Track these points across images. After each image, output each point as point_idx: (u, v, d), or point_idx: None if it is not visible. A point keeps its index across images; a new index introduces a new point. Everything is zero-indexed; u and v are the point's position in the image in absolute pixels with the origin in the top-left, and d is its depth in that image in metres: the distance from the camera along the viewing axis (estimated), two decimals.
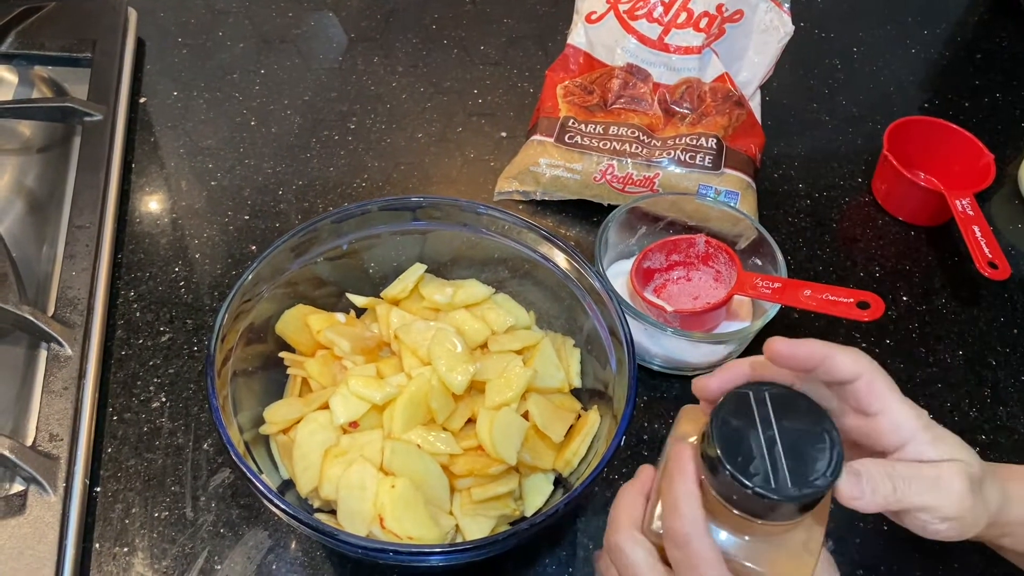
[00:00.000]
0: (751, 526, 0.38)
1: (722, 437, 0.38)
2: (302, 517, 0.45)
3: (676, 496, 0.39)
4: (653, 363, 0.68)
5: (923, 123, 0.83)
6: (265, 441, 0.56)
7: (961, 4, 1.10)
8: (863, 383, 0.41)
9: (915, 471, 0.40)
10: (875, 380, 0.41)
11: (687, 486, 0.39)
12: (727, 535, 0.39)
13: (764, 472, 0.37)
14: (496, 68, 0.93)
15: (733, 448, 0.37)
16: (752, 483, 0.36)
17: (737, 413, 0.39)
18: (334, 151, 0.83)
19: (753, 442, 0.38)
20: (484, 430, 0.54)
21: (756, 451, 0.37)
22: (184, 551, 0.56)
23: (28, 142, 0.79)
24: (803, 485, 0.36)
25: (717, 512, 0.39)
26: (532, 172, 0.78)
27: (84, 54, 0.83)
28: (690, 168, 0.76)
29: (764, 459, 0.37)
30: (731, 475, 0.37)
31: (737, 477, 0.36)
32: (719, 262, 0.69)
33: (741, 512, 0.38)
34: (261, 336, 0.57)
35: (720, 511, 0.39)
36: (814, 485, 0.36)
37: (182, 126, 0.83)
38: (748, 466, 0.37)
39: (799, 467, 0.37)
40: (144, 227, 0.74)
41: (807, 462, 0.37)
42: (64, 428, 0.57)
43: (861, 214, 0.83)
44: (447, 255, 0.64)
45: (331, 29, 0.96)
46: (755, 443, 0.38)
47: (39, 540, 0.53)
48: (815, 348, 0.40)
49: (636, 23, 0.81)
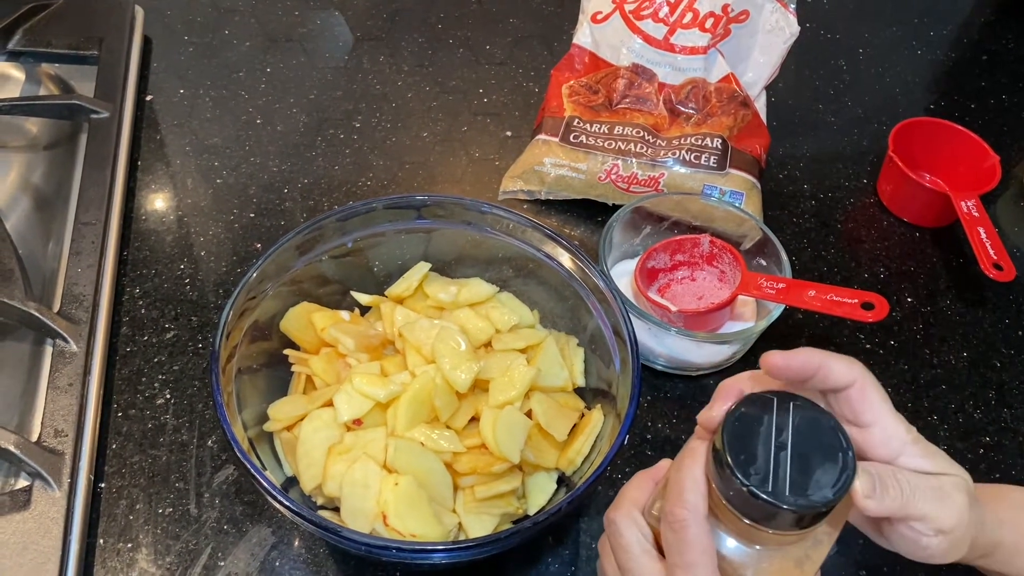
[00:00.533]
0: (748, 531, 0.38)
1: (731, 433, 0.38)
2: (306, 514, 0.46)
3: (682, 481, 0.39)
4: (657, 363, 0.68)
5: (928, 124, 0.83)
6: (269, 438, 0.56)
7: (967, 5, 1.10)
8: (856, 390, 0.41)
9: (920, 479, 0.40)
10: (868, 388, 0.41)
11: (694, 474, 0.39)
12: (725, 536, 0.39)
13: (764, 474, 0.36)
14: (501, 68, 0.93)
15: (740, 446, 0.37)
16: (748, 481, 0.36)
17: (753, 415, 0.38)
18: (339, 150, 0.83)
19: (762, 445, 0.37)
20: (487, 428, 0.54)
21: (762, 454, 0.37)
22: (188, 547, 0.56)
23: (35, 139, 0.79)
24: (800, 496, 0.36)
25: (719, 512, 0.39)
26: (537, 171, 0.78)
27: (91, 52, 0.83)
28: (695, 168, 0.76)
29: (768, 463, 0.37)
30: (731, 470, 0.37)
31: (736, 473, 0.36)
32: (723, 262, 0.69)
33: (738, 512, 0.38)
34: (266, 333, 0.57)
35: (722, 510, 0.39)
36: (811, 499, 0.36)
37: (188, 124, 0.83)
38: (750, 465, 0.37)
39: (802, 479, 0.36)
40: (150, 224, 0.75)
41: (812, 475, 0.37)
42: (69, 424, 0.58)
43: (866, 215, 0.83)
44: (451, 254, 0.64)
45: (337, 28, 0.96)
46: (764, 446, 0.37)
47: (44, 535, 0.53)
48: (810, 356, 0.40)
49: (642, 23, 0.81)
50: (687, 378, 0.68)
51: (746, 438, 0.38)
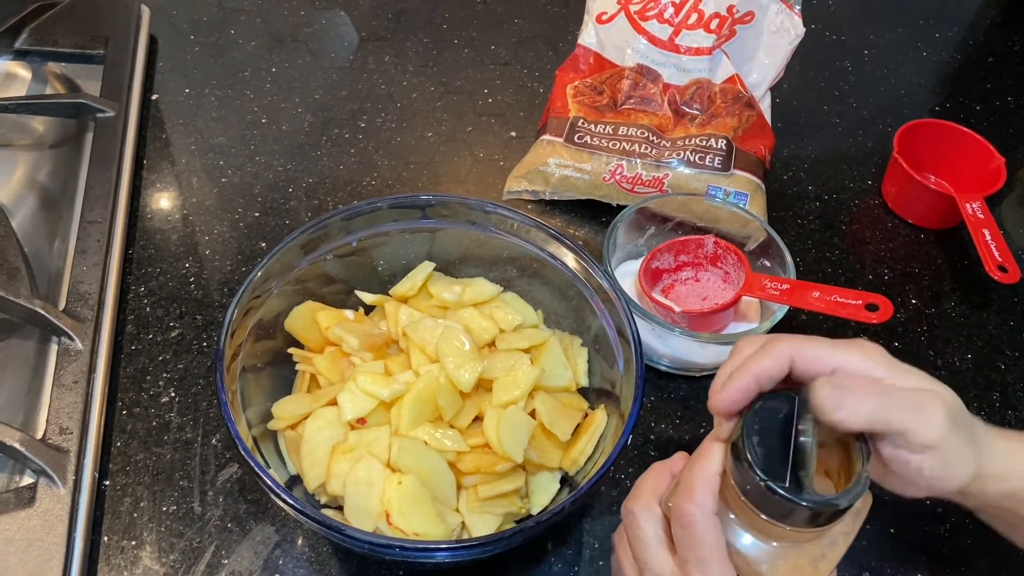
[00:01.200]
0: (765, 527, 0.38)
1: (751, 428, 0.38)
2: (309, 512, 0.46)
3: (693, 477, 0.39)
4: (660, 363, 0.68)
5: (933, 126, 0.83)
6: (273, 437, 0.56)
7: (973, 7, 1.10)
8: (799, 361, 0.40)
9: (897, 393, 0.39)
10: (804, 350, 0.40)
11: (706, 471, 0.39)
12: (742, 532, 0.39)
13: (783, 471, 0.37)
14: (506, 68, 0.93)
15: (758, 438, 0.37)
16: (767, 477, 0.36)
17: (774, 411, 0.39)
18: (344, 149, 0.83)
19: (781, 441, 0.38)
20: (491, 428, 0.54)
21: (781, 450, 0.37)
22: (192, 545, 0.56)
23: (41, 138, 0.80)
24: (818, 493, 0.36)
25: (736, 507, 0.39)
26: (541, 172, 0.78)
27: (97, 51, 0.83)
28: (699, 169, 0.76)
29: (787, 459, 0.37)
30: (749, 465, 0.37)
31: (754, 468, 0.37)
32: (728, 263, 0.69)
33: (755, 508, 0.38)
34: (270, 332, 0.58)
35: (739, 506, 0.39)
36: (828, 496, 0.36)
37: (193, 123, 0.84)
38: (769, 461, 0.37)
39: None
40: (155, 223, 0.75)
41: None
42: (74, 422, 0.58)
43: (871, 216, 0.83)
44: (456, 253, 0.64)
45: (342, 28, 0.96)
46: (783, 443, 0.38)
47: (48, 532, 0.53)
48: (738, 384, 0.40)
49: (647, 24, 0.81)
50: (690, 379, 0.68)
51: (765, 434, 0.38)
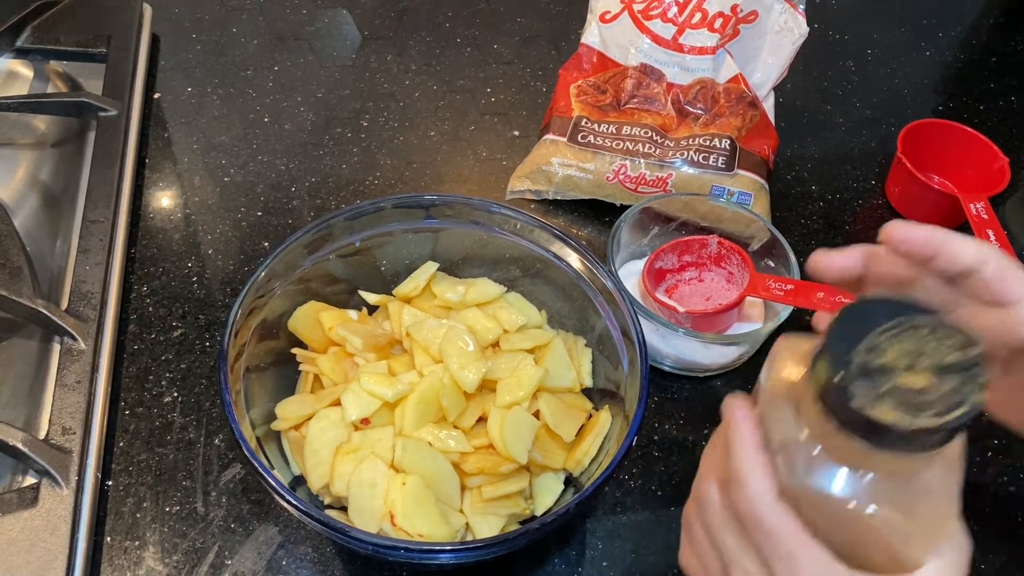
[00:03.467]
0: (871, 459, 0.33)
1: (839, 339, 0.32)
2: (313, 513, 0.46)
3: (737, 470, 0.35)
4: (664, 364, 0.68)
5: (937, 126, 0.83)
6: (276, 437, 0.56)
7: (976, 7, 1.10)
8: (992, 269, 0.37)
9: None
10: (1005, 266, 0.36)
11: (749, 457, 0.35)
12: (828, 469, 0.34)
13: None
14: (509, 67, 0.93)
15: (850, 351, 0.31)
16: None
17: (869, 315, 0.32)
18: (347, 148, 0.83)
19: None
20: (495, 429, 0.54)
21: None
22: (195, 546, 0.56)
23: (43, 137, 0.79)
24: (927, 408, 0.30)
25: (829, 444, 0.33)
26: (544, 171, 0.78)
27: (99, 49, 0.83)
28: (703, 169, 0.76)
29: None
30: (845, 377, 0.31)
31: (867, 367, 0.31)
32: (731, 263, 0.69)
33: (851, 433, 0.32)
34: (273, 332, 0.57)
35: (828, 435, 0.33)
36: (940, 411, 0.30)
37: (196, 122, 0.84)
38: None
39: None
40: (157, 222, 0.75)
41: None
42: (77, 422, 0.58)
43: (874, 217, 0.83)
44: (459, 253, 0.64)
45: (345, 27, 0.96)
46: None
47: (51, 533, 0.53)
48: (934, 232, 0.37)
49: (650, 23, 0.81)
50: (694, 379, 0.68)
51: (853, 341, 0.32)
